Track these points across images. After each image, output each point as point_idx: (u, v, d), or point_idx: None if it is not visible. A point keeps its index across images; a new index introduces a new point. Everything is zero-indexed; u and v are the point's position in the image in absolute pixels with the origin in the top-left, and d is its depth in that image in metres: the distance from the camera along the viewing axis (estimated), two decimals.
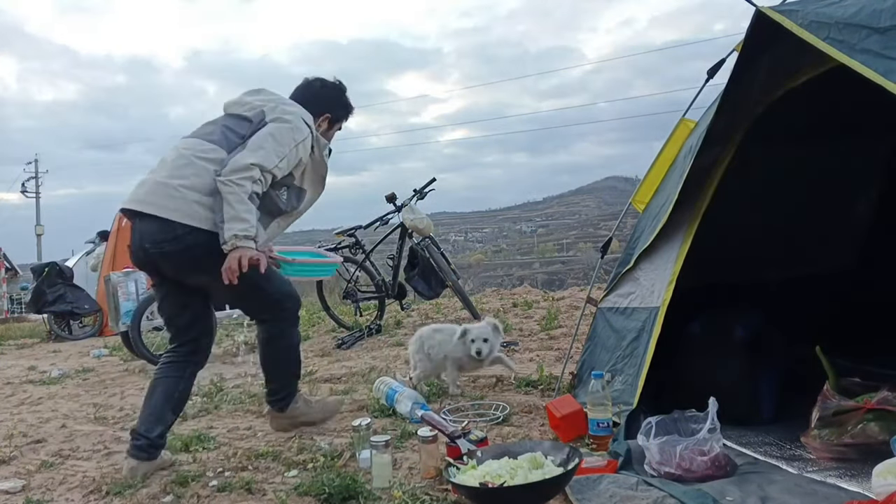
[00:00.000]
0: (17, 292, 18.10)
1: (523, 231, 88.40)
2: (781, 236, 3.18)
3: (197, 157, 2.35)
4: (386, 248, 5.96)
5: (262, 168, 2.31)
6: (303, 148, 2.46)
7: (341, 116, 2.77)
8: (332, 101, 2.72)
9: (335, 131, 2.78)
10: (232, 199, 2.24)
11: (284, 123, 2.43)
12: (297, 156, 2.44)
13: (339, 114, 2.75)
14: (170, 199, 2.29)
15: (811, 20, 1.81)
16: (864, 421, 1.90)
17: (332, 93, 2.73)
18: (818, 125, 2.84)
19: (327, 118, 2.71)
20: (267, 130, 2.39)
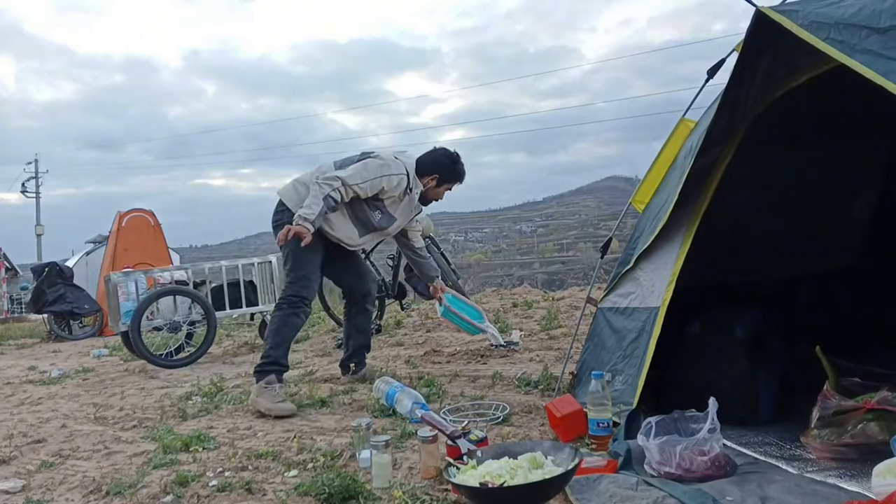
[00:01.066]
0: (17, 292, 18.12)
1: (523, 231, 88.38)
2: (781, 236, 3.18)
3: (316, 169, 3.42)
4: (386, 248, 5.96)
5: (344, 182, 3.20)
6: (387, 181, 3.28)
7: (448, 180, 3.54)
8: (442, 166, 3.50)
9: (444, 191, 3.58)
10: (312, 192, 3.18)
11: (377, 159, 3.34)
12: (381, 185, 3.27)
13: (446, 177, 3.53)
14: (287, 188, 3.45)
15: (811, 20, 1.82)
16: (864, 421, 1.90)
17: (443, 159, 3.51)
18: (818, 125, 2.85)
19: (435, 178, 3.50)
20: (361, 161, 3.32)
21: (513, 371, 3.65)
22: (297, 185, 3.39)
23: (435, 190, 3.52)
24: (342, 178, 3.17)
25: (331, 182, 3.17)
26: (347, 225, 3.39)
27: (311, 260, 3.32)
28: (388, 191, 3.30)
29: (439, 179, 3.49)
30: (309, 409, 3.16)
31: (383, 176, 3.27)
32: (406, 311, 6.35)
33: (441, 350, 4.53)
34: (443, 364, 4.10)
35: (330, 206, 3.16)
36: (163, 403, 3.59)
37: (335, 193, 3.16)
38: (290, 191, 3.39)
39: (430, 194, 3.53)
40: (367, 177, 3.23)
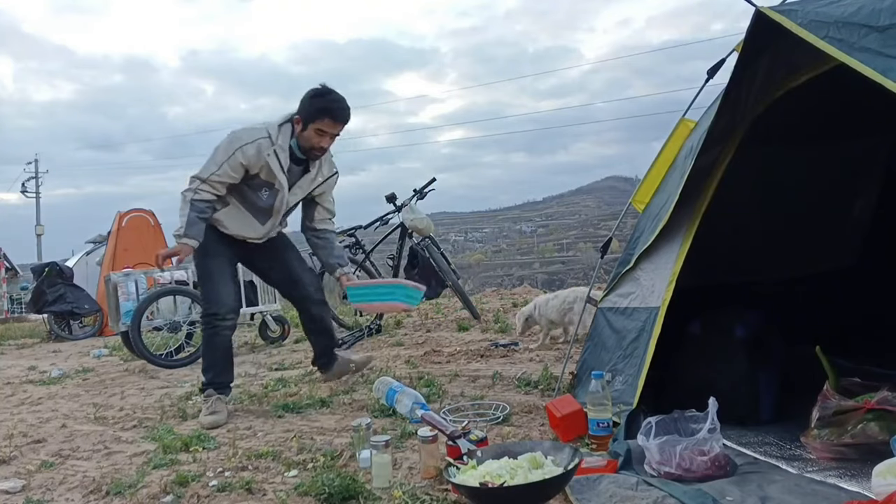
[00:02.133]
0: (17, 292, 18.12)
1: (523, 231, 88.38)
2: (781, 236, 3.18)
3: None
4: (386, 248, 5.97)
5: (200, 178, 3.00)
6: (242, 154, 2.98)
7: (312, 118, 3.04)
8: (301, 105, 3.08)
9: (315, 134, 3.05)
10: (180, 202, 3.03)
11: (228, 137, 3.05)
12: (239, 160, 2.98)
13: (308, 115, 3.04)
14: None
15: (811, 19, 1.82)
16: (864, 421, 1.90)
17: (304, 97, 3.08)
18: (818, 125, 2.85)
19: (298, 120, 3.07)
20: (216, 146, 3.07)
21: (513, 371, 3.65)
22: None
23: (304, 135, 3.06)
24: (197, 175, 3.00)
25: (190, 185, 3.01)
26: (243, 218, 3.15)
27: (214, 271, 3.12)
28: (253, 164, 3.00)
29: (303, 120, 3.05)
30: (309, 409, 3.16)
31: (235, 151, 2.98)
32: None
33: (441, 350, 4.53)
34: (443, 364, 4.10)
35: (201, 210, 2.99)
36: (163, 403, 3.59)
37: (199, 195, 2.99)
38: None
39: (303, 142, 3.08)
40: (219, 160, 2.98)
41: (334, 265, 3.35)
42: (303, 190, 3.21)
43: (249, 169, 3.01)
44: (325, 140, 3.06)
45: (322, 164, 3.22)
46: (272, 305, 5.80)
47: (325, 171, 3.27)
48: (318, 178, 3.23)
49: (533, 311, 4.45)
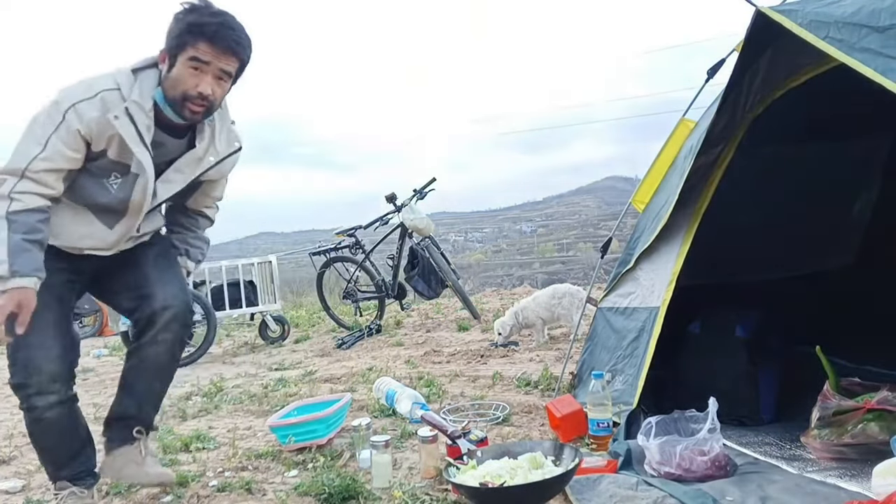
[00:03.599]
0: None
1: (523, 231, 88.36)
2: (781, 236, 3.17)
3: None
4: (386, 248, 5.96)
5: (9, 173, 1.80)
6: (77, 118, 1.82)
7: (179, 46, 1.87)
8: (168, 32, 1.91)
9: (189, 70, 1.88)
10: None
11: (47, 99, 1.88)
12: (75, 129, 1.82)
13: (175, 43, 1.88)
14: None
15: (811, 19, 1.82)
16: (864, 421, 1.90)
17: (172, 19, 1.91)
18: (818, 125, 2.84)
19: (162, 56, 1.92)
20: (29, 119, 1.88)
21: (513, 371, 3.65)
22: None
23: (173, 77, 1.89)
24: (5, 170, 1.82)
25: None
26: (81, 222, 1.98)
27: (36, 317, 1.83)
28: (96, 132, 1.85)
29: (168, 53, 1.90)
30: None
31: (66, 113, 1.83)
32: (406, 311, 6.35)
33: (441, 350, 4.53)
34: (443, 364, 4.10)
35: (30, 227, 1.80)
36: (162, 403, 3.59)
37: (19, 201, 1.79)
38: None
39: (172, 90, 1.90)
40: (42, 135, 1.81)
41: (181, 251, 2.22)
42: (184, 175, 2.04)
43: (91, 142, 1.87)
44: (204, 80, 1.88)
45: (215, 135, 2.05)
46: (272, 305, 5.80)
47: (222, 148, 2.08)
48: (210, 157, 2.06)
49: (514, 318, 4.45)
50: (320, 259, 6.12)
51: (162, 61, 1.93)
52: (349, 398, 2.76)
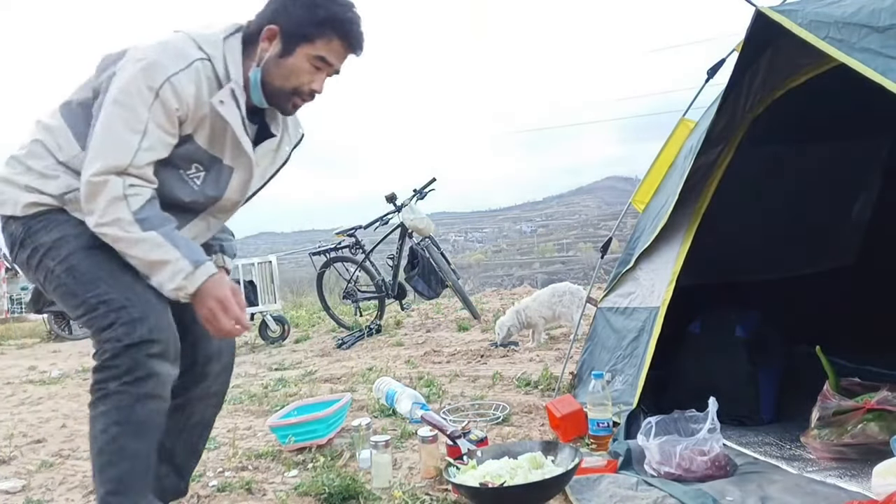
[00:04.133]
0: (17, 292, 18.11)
1: (523, 231, 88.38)
2: (781, 236, 3.17)
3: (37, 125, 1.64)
4: (386, 248, 5.96)
5: (115, 169, 1.46)
6: (172, 90, 1.48)
7: (305, 32, 1.58)
8: (287, 5, 1.59)
9: (306, 61, 1.60)
10: (123, 248, 1.49)
11: (128, 72, 1.48)
12: (171, 106, 1.49)
13: (296, 28, 1.58)
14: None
15: (811, 19, 1.82)
16: (864, 421, 1.90)
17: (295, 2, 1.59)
18: (818, 125, 2.84)
19: (272, 32, 1.59)
20: (110, 98, 1.49)
21: (513, 371, 3.65)
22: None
23: (286, 64, 1.60)
24: (110, 167, 1.46)
25: (107, 197, 1.46)
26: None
27: (115, 267, 1.53)
28: (190, 114, 1.54)
29: (286, 36, 1.59)
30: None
31: (158, 92, 1.48)
32: (406, 311, 6.35)
33: (441, 350, 4.53)
34: (443, 364, 4.10)
35: (162, 218, 1.52)
36: None
37: (135, 199, 1.48)
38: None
39: (277, 78, 1.61)
40: (137, 123, 1.47)
41: (215, 247, 1.84)
42: (260, 168, 1.73)
43: (183, 124, 1.55)
44: (320, 77, 1.64)
45: (287, 120, 1.79)
46: (272, 305, 5.80)
47: (293, 134, 1.82)
48: (285, 146, 1.79)
49: (516, 317, 4.45)
50: (320, 259, 6.12)
51: (268, 39, 1.60)
52: (349, 398, 2.76)
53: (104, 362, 1.48)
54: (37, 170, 1.57)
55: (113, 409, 1.47)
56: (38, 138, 1.60)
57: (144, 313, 1.49)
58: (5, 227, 1.62)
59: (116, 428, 1.47)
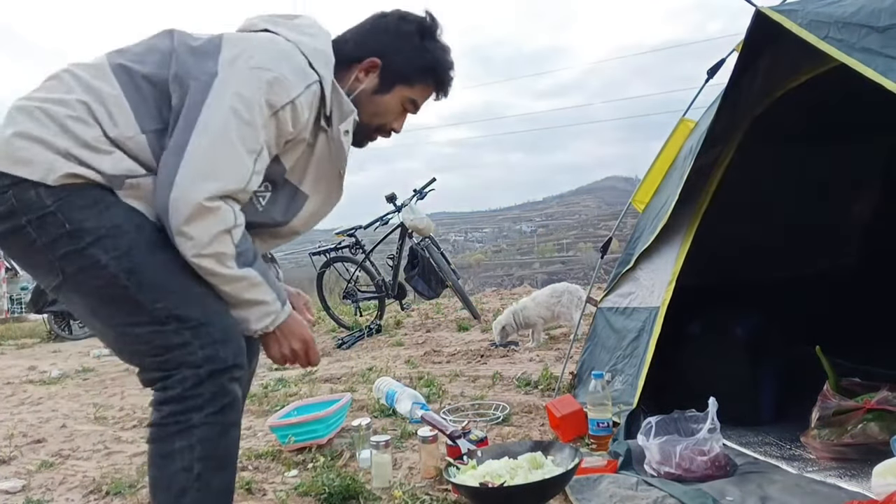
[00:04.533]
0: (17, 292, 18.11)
1: (523, 231, 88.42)
2: (781, 236, 3.18)
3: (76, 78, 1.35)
4: (386, 248, 5.97)
5: (234, 193, 1.32)
6: (293, 117, 1.37)
7: (409, 74, 1.54)
8: (395, 41, 1.53)
9: (400, 101, 1.57)
10: (216, 282, 1.34)
11: (245, 78, 1.33)
12: (287, 130, 1.38)
13: (402, 67, 1.53)
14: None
15: (811, 19, 1.82)
16: (864, 421, 1.90)
17: (400, 27, 1.54)
18: (818, 125, 2.84)
19: (373, 65, 1.52)
20: (225, 104, 1.30)
21: (513, 371, 3.65)
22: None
23: (379, 101, 1.55)
24: (223, 192, 1.30)
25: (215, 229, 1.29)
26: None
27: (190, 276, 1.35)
28: (297, 135, 1.43)
29: (388, 73, 1.53)
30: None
31: (278, 114, 1.36)
32: (406, 311, 6.35)
33: (441, 350, 4.53)
34: (443, 364, 4.10)
35: (248, 248, 1.37)
36: None
37: (237, 228, 1.34)
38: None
39: (369, 113, 1.55)
40: (253, 143, 1.33)
41: (268, 255, 1.92)
42: (332, 197, 1.62)
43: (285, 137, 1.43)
44: (402, 119, 1.62)
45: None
46: None
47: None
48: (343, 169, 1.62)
49: (512, 317, 4.46)
50: (320, 259, 6.13)
51: (366, 71, 1.53)
52: (349, 398, 2.76)
53: (185, 392, 1.30)
54: (82, 137, 1.29)
55: (197, 443, 1.31)
56: (83, 99, 1.31)
57: (227, 335, 1.35)
58: (19, 192, 1.27)
59: (201, 464, 1.32)
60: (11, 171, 1.27)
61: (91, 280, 1.30)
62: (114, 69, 1.36)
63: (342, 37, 1.56)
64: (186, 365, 1.30)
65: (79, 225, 1.28)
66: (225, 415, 1.34)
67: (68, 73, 1.36)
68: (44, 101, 1.31)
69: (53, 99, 1.32)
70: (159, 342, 1.31)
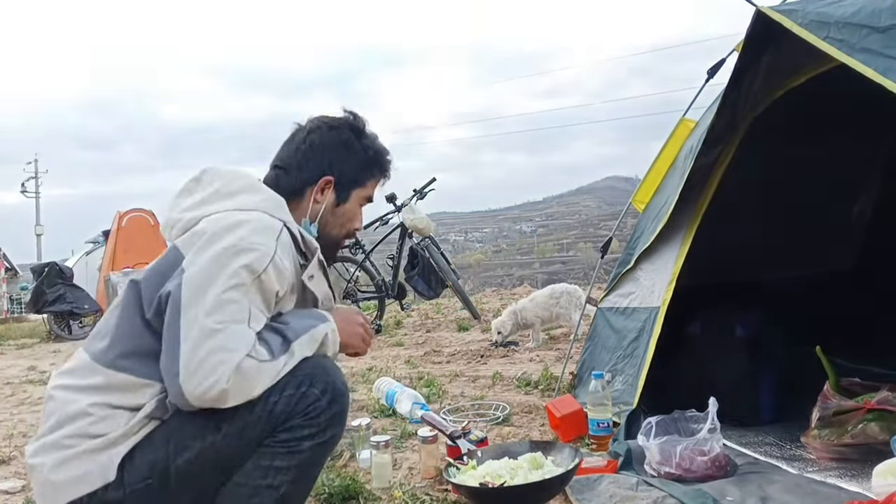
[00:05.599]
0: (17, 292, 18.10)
1: (523, 231, 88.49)
2: (781, 236, 3.18)
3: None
4: (386, 248, 5.97)
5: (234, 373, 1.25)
6: (275, 276, 1.35)
7: (359, 177, 1.61)
8: (339, 152, 1.57)
9: (352, 204, 1.63)
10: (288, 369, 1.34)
11: (214, 272, 1.29)
12: (273, 290, 1.36)
13: (354, 174, 1.60)
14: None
15: (811, 19, 1.82)
16: (864, 421, 1.90)
17: (337, 137, 1.58)
18: (818, 125, 2.84)
19: (327, 182, 1.56)
20: (201, 311, 1.25)
21: (513, 371, 3.65)
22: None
23: (340, 211, 1.61)
24: (220, 390, 1.23)
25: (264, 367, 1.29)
26: None
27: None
28: (284, 277, 1.40)
29: (341, 184, 1.58)
30: None
31: (261, 276, 1.33)
32: (406, 311, 6.35)
33: (441, 350, 4.53)
34: (443, 364, 4.10)
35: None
36: None
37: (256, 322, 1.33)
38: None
39: (331, 226, 1.61)
40: (239, 314, 1.28)
41: None
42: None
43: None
44: (361, 216, 1.71)
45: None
46: None
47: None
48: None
49: (514, 318, 4.49)
50: None
51: (321, 190, 1.56)
52: (349, 398, 2.75)
53: (307, 421, 1.35)
54: (108, 418, 1.30)
55: (295, 466, 1.35)
56: (89, 406, 1.30)
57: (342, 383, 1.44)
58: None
59: (290, 486, 1.36)
60: None
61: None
62: (103, 364, 1.37)
63: (275, 170, 1.59)
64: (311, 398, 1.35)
65: (159, 467, 1.33)
66: (332, 444, 1.42)
67: (58, 393, 1.37)
68: (53, 433, 1.34)
69: (59, 423, 1.34)
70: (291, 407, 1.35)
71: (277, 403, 1.32)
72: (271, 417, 1.32)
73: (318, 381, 1.37)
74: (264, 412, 1.31)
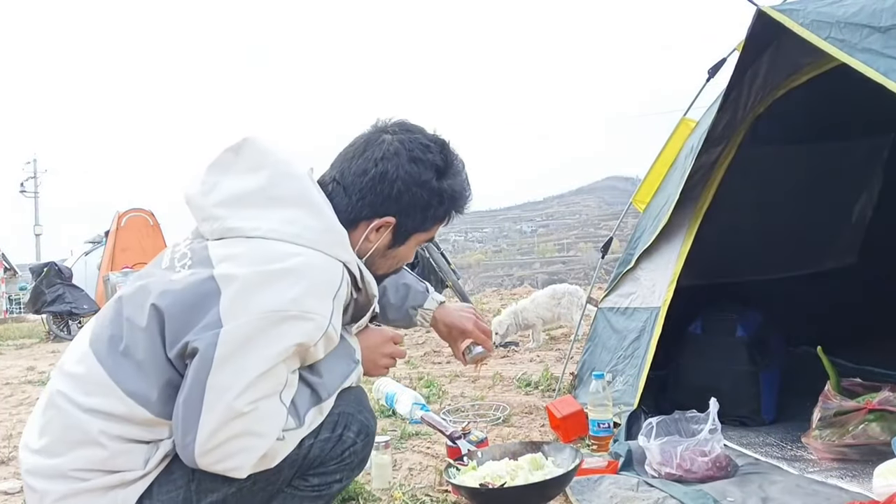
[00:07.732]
0: (16, 292, 18.07)
1: (523, 231, 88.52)
2: (781, 236, 3.18)
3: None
4: None
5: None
6: (323, 344, 1.22)
7: (426, 224, 1.39)
8: (410, 193, 1.33)
9: (408, 247, 1.42)
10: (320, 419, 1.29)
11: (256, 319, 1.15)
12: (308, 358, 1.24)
13: (421, 219, 1.37)
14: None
15: (812, 19, 1.81)
16: (865, 421, 1.90)
17: (414, 175, 1.32)
18: (819, 125, 2.84)
19: (386, 224, 1.35)
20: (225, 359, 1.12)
21: (513, 372, 3.64)
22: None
23: (395, 254, 1.41)
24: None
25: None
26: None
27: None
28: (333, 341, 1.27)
29: (405, 226, 1.37)
30: None
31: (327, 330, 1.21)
32: None
33: (441, 350, 4.53)
34: (443, 364, 4.10)
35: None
36: None
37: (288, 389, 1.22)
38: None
39: (384, 267, 1.43)
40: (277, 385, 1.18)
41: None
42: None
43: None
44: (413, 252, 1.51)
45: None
46: None
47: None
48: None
49: (514, 318, 4.51)
50: None
51: (377, 230, 1.34)
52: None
53: (341, 466, 1.32)
54: (125, 453, 1.21)
55: (317, 498, 1.34)
56: (100, 434, 1.20)
57: (361, 405, 1.38)
58: None
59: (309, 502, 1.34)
60: None
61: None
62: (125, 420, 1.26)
63: (333, 183, 1.34)
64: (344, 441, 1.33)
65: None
66: (353, 476, 1.43)
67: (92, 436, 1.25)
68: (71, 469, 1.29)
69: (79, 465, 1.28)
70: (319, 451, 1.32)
71: (312, 448, 1.26)
72: (304, 462, 1.27)
73: (354, 423, 1.30)
74: (298, 457, 1.25)
